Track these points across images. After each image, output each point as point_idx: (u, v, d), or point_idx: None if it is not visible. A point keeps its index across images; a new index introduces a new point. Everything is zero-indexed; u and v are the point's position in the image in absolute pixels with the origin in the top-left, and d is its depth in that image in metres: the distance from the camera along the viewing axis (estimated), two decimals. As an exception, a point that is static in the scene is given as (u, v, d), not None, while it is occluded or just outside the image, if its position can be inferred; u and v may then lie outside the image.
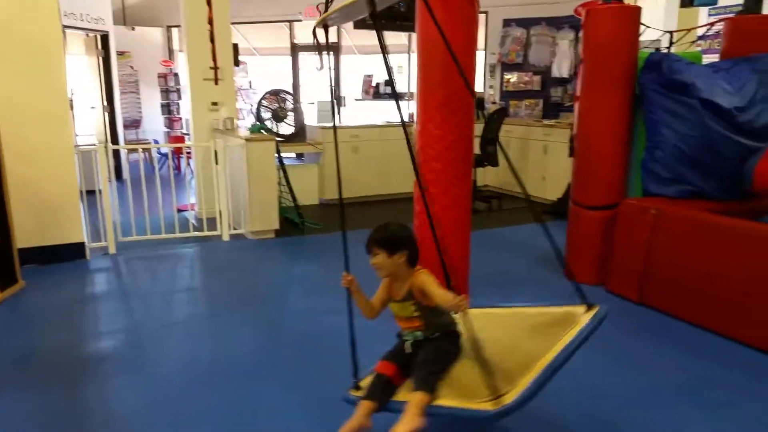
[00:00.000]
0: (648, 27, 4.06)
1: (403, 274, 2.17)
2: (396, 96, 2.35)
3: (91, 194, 5.02)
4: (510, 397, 1.84)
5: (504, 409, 1.82)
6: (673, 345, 3.18)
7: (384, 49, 2.10)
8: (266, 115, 6.70)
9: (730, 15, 4.45)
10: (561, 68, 7.38)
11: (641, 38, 4.02)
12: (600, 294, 3.88)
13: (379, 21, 2.14)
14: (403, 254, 2.15)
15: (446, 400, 1.96)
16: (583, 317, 2.16)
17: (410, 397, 1.94)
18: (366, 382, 2.15)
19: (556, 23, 7.47)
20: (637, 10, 3.85)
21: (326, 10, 2.17)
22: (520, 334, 2.28)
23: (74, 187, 4.51)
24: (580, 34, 4.00)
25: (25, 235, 4.22)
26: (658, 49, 4.18)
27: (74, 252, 4.57)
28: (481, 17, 7.96)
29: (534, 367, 1.93)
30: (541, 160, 6.78)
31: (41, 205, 4.38)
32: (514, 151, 7.14)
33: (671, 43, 4.41)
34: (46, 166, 4.36)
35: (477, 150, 6.41)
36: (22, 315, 3.63)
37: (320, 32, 2.30)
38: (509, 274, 4.37)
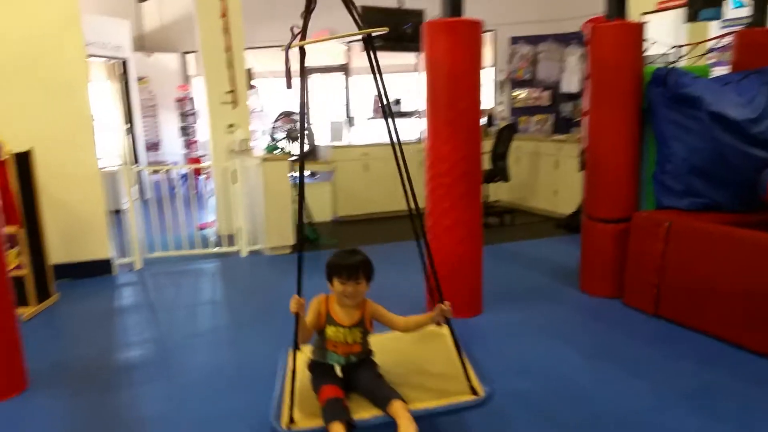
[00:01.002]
0: (653, 42, 4.16)
1: (360, 302, 2.24)
2: (387, 115, 2.48)
3: (117, 213, 5.22)
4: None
5: None
6: (690, 356, 3.15)
7: (376, 71, 2.27)
8: (280, 135, 6.89)
9: (740, 28, 4.53)
10: (570, 84, 7.50)
11: (650, 52, 4.07)
12: (616, 307, 3.90)
13: (371, 45, 2.30)
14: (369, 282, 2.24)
15: (288, 392, 2.09)
16: (463, 395, 2.21)
17: (396, 409, 2.01)
18: (295, 414, 2.07)
19: (563, 40, 7.60)
20: (639, 27, 3.94)
21: (303, 31, 2.32)
22: (405, 347, 2.57)
23: (101, 207, 4.72)
24: (587, 50, 4.10)
25: (57, 252, 4.43)
26: (667, 64, 4.26)
27: (102, 268, 4.77)
28: (489, 35, 8.13)
29: (400, 411, 2.01)
30: (553, 174, 6.87)
31: (71, 223, 4.59)
32: (526, 166, 7.25)
33: (679, 58, 4.48)
34: (75, 187, 4.57)
35: (488, 165, 6.55)
36: (56, 326, 3.80)
37: (290, 53, 2.45)
38: (523, 288, 4.40)
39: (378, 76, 2.33)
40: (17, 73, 4.33)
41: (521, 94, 8.00)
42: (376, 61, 2.34)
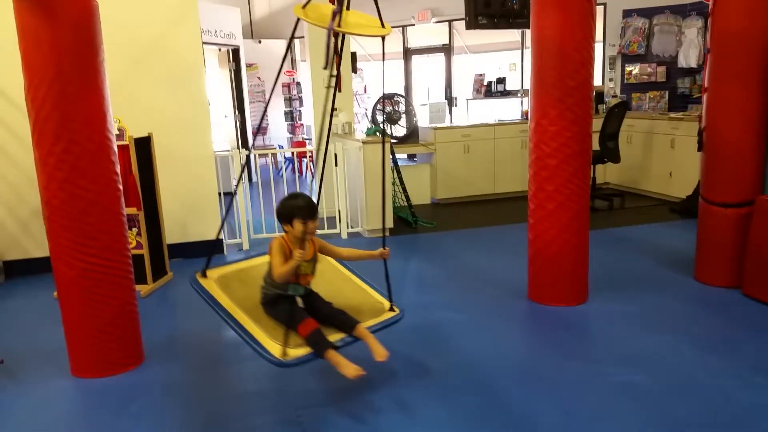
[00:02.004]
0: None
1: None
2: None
3: (227, 195, 5.50)
4: (293, 355, 2.39)
5: (283, 363, 2.35)
6: None
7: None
8: (380, 118, 6.93)
9: None
10: (688, 58, 6.96)
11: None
12: (735, 298, 3.66)
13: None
14: None
15: (255, 329, 2.50)
16: (385, 314, 2.85)
17: (362, 331, 2.59)
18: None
19: (681, 11, 7.05)
20: (773, -6, 3.58)
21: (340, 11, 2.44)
22: (342, 289, 2.99)
23: (214, 189, 4.98)
24: (709, 21, 3.79)
25: (172, 232, 4.73)
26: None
27: (214, 247, 5.02)
28: (599, 8, 7.69)
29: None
30: (668, 155, 6.43)
31: (185, 205, 4.88)
32: (638, 145, 6.84)
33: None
34: (190, 170, 4.85)
35: (596, 146, 6.23)
36: (171, 302, 4.08)
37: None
38: (632, 275, 4.21)
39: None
40: (137, 61, 4.62)
41: (634, 69, 7.53)
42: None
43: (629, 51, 7.51)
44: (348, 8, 2.57)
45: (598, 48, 8.06)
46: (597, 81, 7.80)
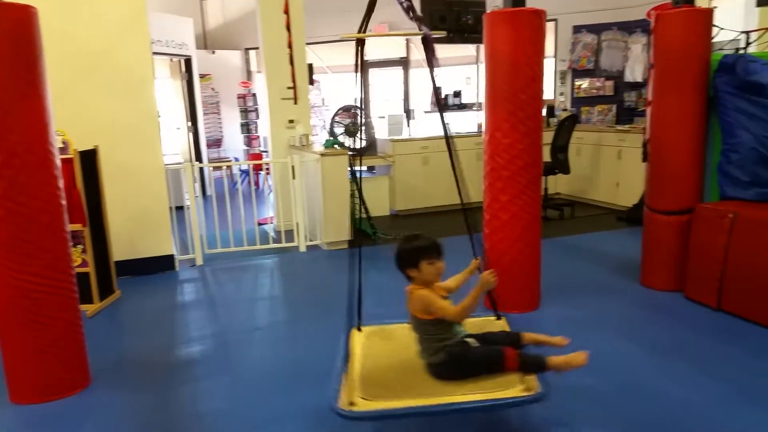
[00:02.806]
0: (722, 29, 3.95)
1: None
2: (441, 109, 2.53)
3: (179, 209, 5.37)
4: (363, 407, 2.04)
5: (350, 415, 2.02)
6: (755, 351, 3.07)
7: (431, 66, 2.31)
8: (339, 130, 6.92)
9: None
10: (634, 72, 7.21)
11: (718, 39, 3.91)
12: (678, 301, 3.80)
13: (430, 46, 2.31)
14: None
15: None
16: (514, 391, 2.15)
17: (528, 337, 2.44)
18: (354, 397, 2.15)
19: (627, 28, 7.31)
20: (708, 13, 3.76)
21: (364, 24, 2.41)
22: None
23: (165, 203, 4.85)
24: (651, 37, 3.94)
25: (120, 248, 4.57)
26: (737, 50, 4.03)
27: (164, 264, 4.92)
28: (550, 25, 7.89)
29: (421, 398, 2.07)
30: (615, 166, 6.63)
31: (134, 220, 4.73)
32: (587, 157, 7.02)
33: (748, 44, 4.25)
34: (139, 183, 4.71)
35: (548, 158, 6.36)
36: (119, 322, 3.94)
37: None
38: (582, 281, 4.31)
39: (433, 72, 2.41)
40: (84, 71, 4.48)
41: (583, 84, 7.75)
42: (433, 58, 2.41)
43: (579, 66, 7.72)
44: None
45: (549, 63, 8.26)
46: (548, 95, 7.99)
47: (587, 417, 2.51)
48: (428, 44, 2.53)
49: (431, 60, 2.59)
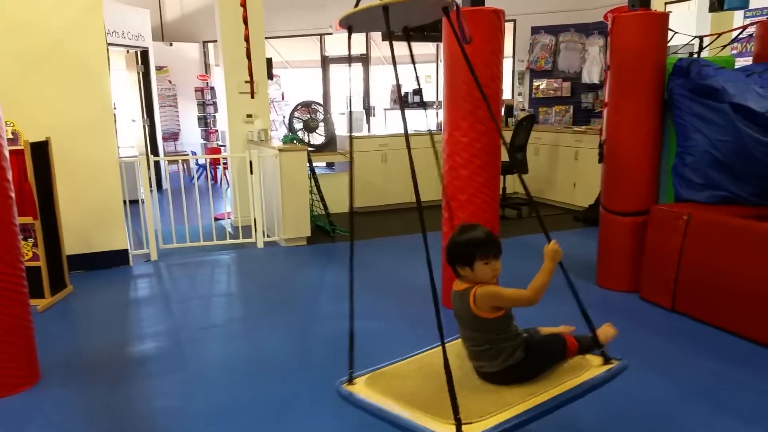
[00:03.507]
0: (676, 33, 4.07)
1: None
2: (424, 106, 2.47)
3: (133, 204, 5.24)
4: (478, 428, 1.70)
5: None
6: (706, 352, 3.14)
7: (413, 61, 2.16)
8: (298, 125, 6.88)
9: (765, 18, 4.41)
10: (591, 74, 7.38)
11: (673, 43, 4.00)
12: (634, 302, 3.88)
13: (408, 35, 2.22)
14: None
15: (412, 412, 1.82)
16: (598, 368, 2.06)
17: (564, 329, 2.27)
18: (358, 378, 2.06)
19: (585, 29, 7.48)
20: (664, 17, 3.86)
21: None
22: None
23: (118, 197, 4.73)
24: (608, 40, 4.03)
25: (72, 242, 4.45)
26: (691, 54, 4.16)
27: (118, 259, 4.80)
28: (509, 25, 8.01)
29: (519, 405, 1.82)
30: (572, 166, 6.78)
31: (87, 214, 4.61)
32: (545, 157, 7.16)
33: (701, 48, 4.40)
34: (92, 176, 4.59)
35: (505, 157, 6.46)
36: (71, 318, 3.83)
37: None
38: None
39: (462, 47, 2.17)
40: (36, 61, 4.33)
41: (541, 84, 7.89)
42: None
43: (537, 67, 7.86)
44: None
45: (508, 63, 8.39)
46: (506, 95, 8.12)
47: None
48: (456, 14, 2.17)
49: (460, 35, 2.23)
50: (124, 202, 4.83)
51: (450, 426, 1.70)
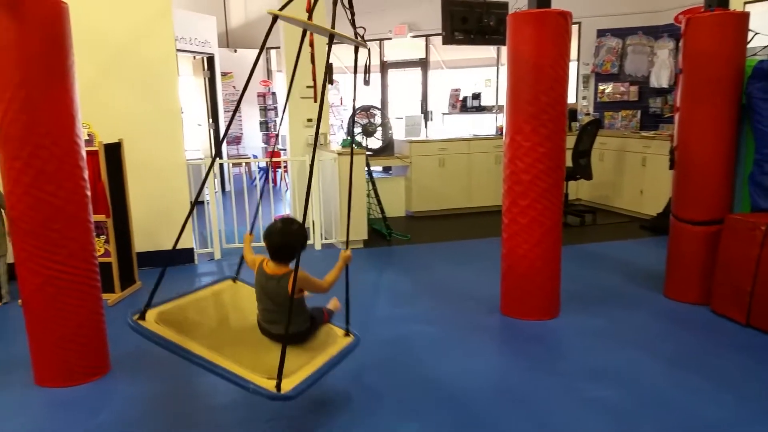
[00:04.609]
0: (756, 33, 3.86)
1: None
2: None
3: (198, 205, 5.41)
4: (289, 386, 2.15)
5: (284, 396, 2.12)
6: None
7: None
8: (357, 130, 6.93)
9: None
10: (660, 78, 7.12)
11: (753, 44, 3.81)
12: (704, 315, 3.71)
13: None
14: None
15: (235, 368, 2.23)
16: (343, 340, 2.69)
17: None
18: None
19: (654, 32, 7.23)
20: (743, 17, 3.68)
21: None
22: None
23: (186, 198, 4.90)
24: (680, 43, 3.87)
25: (141, 240, 4.63)
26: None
27: (184, 257, 4.97)
28: (574, 28, 7.83)
29: (307, 366, 2.33)
30: (640, 173, 6.55)
31: (156, 213, 4.79)
32: (610, 163, 6.95)
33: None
34: (161, 178, 4.77)
35: (569, 163, 6.31)
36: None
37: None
38: (602, 290, 4.24)
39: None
40: (110, 66, 4.55)
41: (607, 88, 7.68)
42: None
43: (602, 70, 7.65)
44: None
45: (572, 66, 8.19)
46: (571, 99, 7.94)
47: (604, 430, 2.46)
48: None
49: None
50: (191, 202, 4.98)
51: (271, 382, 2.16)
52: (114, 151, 4.19)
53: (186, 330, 2.39)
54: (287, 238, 2.43)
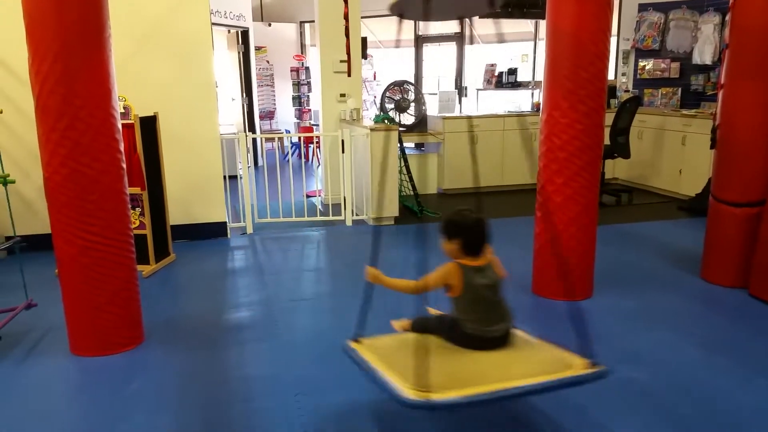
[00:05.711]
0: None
1: None
2: None
3: (232, 179, 5.46)
4: (439, 396, 1.80)
5: (423, 404, 1.81)
6: None
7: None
8: (389, 105, 6.87)
9: None
10: (703, 54, 6.85)
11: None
12: (742, 298, 3.61)
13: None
14: None
15: (382, 366, 2.07)
16: (579, 368, 2.08)
17: None
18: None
19: (698, 6, 6.93)
20: (797, -12, 3.50)
21: None
22: (513, 356, 2.26)
23: (219, 172, 4.94)
24: (728, 17, 3.71)
25: (175, 213, 4.69)
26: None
27: (217, 230, 5.03)
28: (615, 2, 7.57)
29: (490, 385, 1.91)
30: (679, 152, 6.36)
31: (190, 186, 4.84)
32: (649, 142, 6.76)
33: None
34: (195, 151, 4.81)
35: (607, 141, 6.16)
36: (173, 284, 4.06)
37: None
38: (637, 271, 4.16)
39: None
40: (145, 39, 4.57)
41: (647, 65, 7.43)
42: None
43: (643, 46, 7.40)
44: None
45: (612, 42, 7.96)
46: (610, 75, 7.71)
47: (632, 412, 2.43)
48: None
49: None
50: (224, 176, 5.04)
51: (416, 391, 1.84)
52: (149, 124, 4.23)
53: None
54: (487, 227, 2.34)
